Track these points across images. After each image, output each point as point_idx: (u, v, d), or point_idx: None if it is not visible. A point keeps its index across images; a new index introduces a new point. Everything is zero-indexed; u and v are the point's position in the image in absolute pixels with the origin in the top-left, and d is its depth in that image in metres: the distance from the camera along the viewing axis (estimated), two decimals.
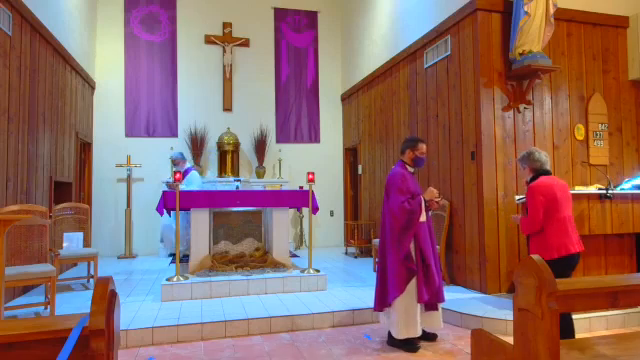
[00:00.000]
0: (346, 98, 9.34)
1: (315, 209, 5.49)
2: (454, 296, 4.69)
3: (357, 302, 4.56)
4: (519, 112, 5.07)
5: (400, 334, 3.50)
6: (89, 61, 7.95)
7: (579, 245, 3.27)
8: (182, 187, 5.85)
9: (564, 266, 3.19)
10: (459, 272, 5.25)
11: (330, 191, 9.32)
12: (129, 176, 8.21)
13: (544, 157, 3.42)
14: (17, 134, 4.91)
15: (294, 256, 7.24)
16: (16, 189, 4.86)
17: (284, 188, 8.36)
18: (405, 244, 3.52)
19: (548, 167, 3.43)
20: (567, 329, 3.11)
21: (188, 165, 6.72)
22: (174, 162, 6.55)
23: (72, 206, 5.88)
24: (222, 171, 8.56)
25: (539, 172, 3.39)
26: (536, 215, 3.26)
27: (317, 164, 8.98)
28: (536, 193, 3.28)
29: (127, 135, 8.42)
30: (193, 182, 6.46)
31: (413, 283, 3.52)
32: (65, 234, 5.53)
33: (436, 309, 3.63)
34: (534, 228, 3.29)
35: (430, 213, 3.79)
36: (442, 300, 3.64)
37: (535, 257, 1.91)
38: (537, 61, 4.72)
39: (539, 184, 3.32)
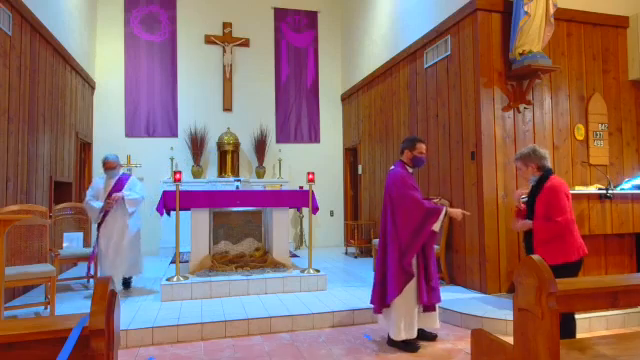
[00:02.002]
0: (346, 98, 9.34)
1: (315, 209, 5.49)
2: (454, 296, 4.69)
3: (357, 302, 4.56)
4: (519, 112, 5.07)
5: (398, 336, 3.50)
6: (89, 61, 7.95)
7: (585, 248, 3.21)
8: (132, 195, 4.99)
9: (578, 267, 3.12)
10: (459, 272, 5.25)
11: (330, 191, 9.32)
12: None
13: (545, 153, 3.32)
14: (17, 134, 4.91)
15: (294, 256, 7.24)
16: (16, 189, 4.86)
17: (284, 188, 8.36)
18: (415, 247, 3.47)
19: (547, 163, 3.30)
20: (569, 329, 3.10)
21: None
22: (113, 165, 5.05)
23: (72, 206, 5.88)
24: (222, 171, 8.56)
25: (547, 170, 3.25)
26: (568, 215, 3.08)
27: (317, 164, 8.98)
28: (561, 192, 3.11)
29: (127, 135, 8.43)
30: (135, 189, 5.12)
31: (413, 285, 3.52)
32: (65, 234, 5.53)
33: (434, 310, 3.64)
34: (565, 229, 3.08)
35: None
36: (439, 300, 3.64)
37: (535, 257, 1.91)
38: (537, 61, 4.72)
39: (560, 183, 3.18)
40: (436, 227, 3.49)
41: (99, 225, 4.99)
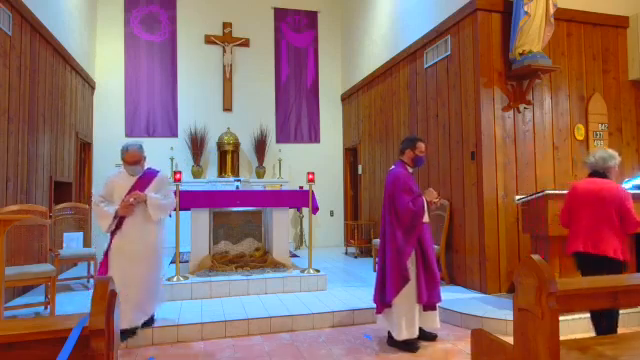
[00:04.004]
0: (346, 98, 9.34)
1: (315, 209, 5.49)
2: (454, 296, 4.69)
3: (357, 302, 4.56)
4: (519, 112, 5.07)
5: (400, 335, 3.50)
6: (89, 61, 7.95)
7: (587, 246, 3.22)
8: (159, 198, 3.77)
9: (576, 262, 3.39)
10: (459, 272, 5.25)
11: (330, 191, 9.32)
12: None
13: (593, 159, 3.44)
14: (17, 134, 4.91)
15: (294, 256, 7.24)
16: (16, 189, 4.86)
17: (284, 188, 8.36)
18: (410, 245, 3.51)
19: (598, 168, 3.40)
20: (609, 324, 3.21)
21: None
22: (137, 158, 3.78)
23: (72, 206, 5.88)
24: (222, 171, 8.56)
25: (589, 174, 3.52)
26: (561, 213, 3.53)
27: (317, 164, 8.97)
28: (566, 195, 3.51)
29: (127, 135, 8.41)
30: (165, 190, 3.94)
31: (413, 284, 3.52)
32: (65, 234, 5.53)
33: (434, 309, 3.64)
34: (561, 224, 3.56)
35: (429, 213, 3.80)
36: (440, 299, 3.65)
37: (535, 257, 1.91)
38: (537, 61, 4.72)
39: (571, 186, 3.50)
40: (425, 219, 3.60)
41: (112, 233, 3.72)
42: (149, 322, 3.83)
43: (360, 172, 8.59)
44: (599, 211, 3.23)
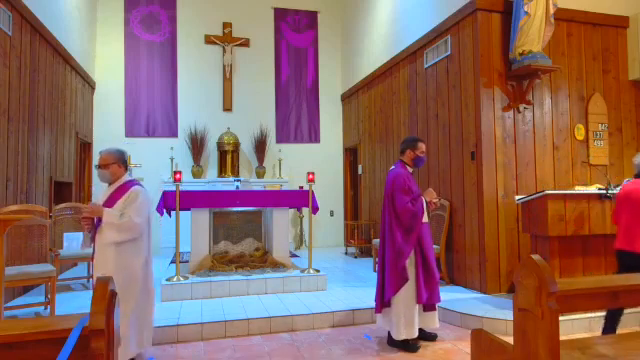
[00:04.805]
0: (346, 98, 9.34)
1: (315, 209, 5.49)
2: (454, 296, 4.69)
3: (357, 302, 4.56)
4: (519, 112, 5.07)
5: (399, 335, 3.50)
6: (89, 61, 7.95)
7: (624, 243, 3.40)
8: (118, 216, 3.06)
9: (617, 259, 3.52)
10: (459, 272, 5.25)
11: (330, 191, 9.32)
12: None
13: (636, 161, 3.54)
14: (17, 134, 4.91)
15: (294, 256, 7.24)
16: (16, 189, 4.86)
17: (284, 188, 8.36)
18: (409, 245, 3.52)
19: None
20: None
21: (128, 175, 3.37)
22: (103, 162, 3.25)
23: (72, 206, 5.88)
24: (222, 171, 8.56)
25: (634, 175, 3.60)
26: (613, 212, 3.69)
27: (317, 164, 8.98)
28: (617, 197, 3.64)
29: (127, 135, 8.42)
30: (132, 206, 3.12)
31: (412, 284, 3.52)
32: (65, 234, 5.53)
33: (434, 309, 3.64)
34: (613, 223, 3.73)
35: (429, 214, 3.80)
36: (439, 300, 3.65)
37: (535, 257, 1.91)
38: (537, 61, 4.73)
39: (621, 188, 3.62)
40: (425, 219, 3.62)
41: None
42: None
43: (360, 172, 8.59)
44: (634, 210, 3.38)
